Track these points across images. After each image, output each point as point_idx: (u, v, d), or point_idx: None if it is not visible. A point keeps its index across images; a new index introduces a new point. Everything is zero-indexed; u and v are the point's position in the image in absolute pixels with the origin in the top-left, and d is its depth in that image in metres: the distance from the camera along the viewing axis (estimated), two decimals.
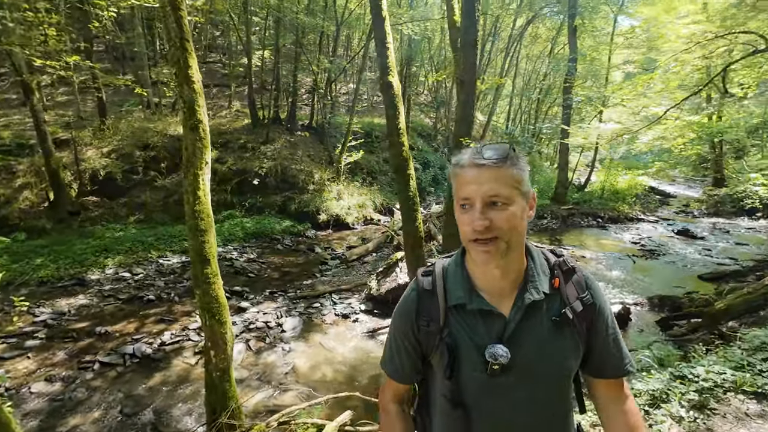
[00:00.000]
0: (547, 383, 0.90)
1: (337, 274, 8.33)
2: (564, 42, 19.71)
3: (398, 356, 1.02)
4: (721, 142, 15.28)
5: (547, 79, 19.25)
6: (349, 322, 6.31)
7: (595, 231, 11.63)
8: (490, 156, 0.84)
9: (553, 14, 18.10)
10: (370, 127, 15.61)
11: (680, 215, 13.24)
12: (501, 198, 0.83)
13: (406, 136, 4.40)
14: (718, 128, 13.73)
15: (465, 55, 4.13)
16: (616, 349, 0.96)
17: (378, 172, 14.79)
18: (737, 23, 7.68)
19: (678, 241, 10.12)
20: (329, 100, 14.20)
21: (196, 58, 2.58)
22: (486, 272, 0.92)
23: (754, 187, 12.44)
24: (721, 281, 7.20)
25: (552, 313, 0.90)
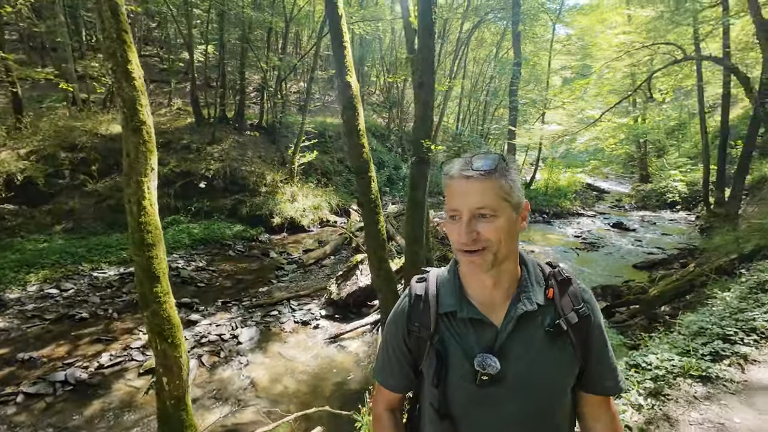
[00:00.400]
0: (540, 396, 0.87)
1: (295, 279, 8.06)
2: (507, 47, 20.69)
3: (390, 364, 1.01)
4: (645, 143, 16.90)
5: (494, 81, 20.10)
6: (309, 329, 6.12)
7: (541, 226, 12.31)
8: (478, 167, 0.84)
9: (497, 20, 18.90)
10: (323, 127, 15.33)
11: (614, 209, 14.43)
12: (488, 210, 0.82)
13: (366, 137, 4.33)
14: (643, 130, 15.17)
15: (423, 56, 4.14)
16: (608, 365, 0.94)
17: (333, 172, 14.57)
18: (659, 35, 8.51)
19: (614, 234, 11.00)
20: (280, 99, 13.72)
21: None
22: (478, 281, 0.91)
23: (673, 183, 13.91)
24: (652, 269, 7.93)
25: (546, 325, 0.88)
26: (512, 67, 13.62)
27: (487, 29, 21.03)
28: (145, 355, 5.17)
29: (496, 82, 20.70)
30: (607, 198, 16.48)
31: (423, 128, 4.20)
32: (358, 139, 4.21)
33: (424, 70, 4.12)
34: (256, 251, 9.62)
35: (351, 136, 4.21)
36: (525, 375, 0.86)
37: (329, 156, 14.95)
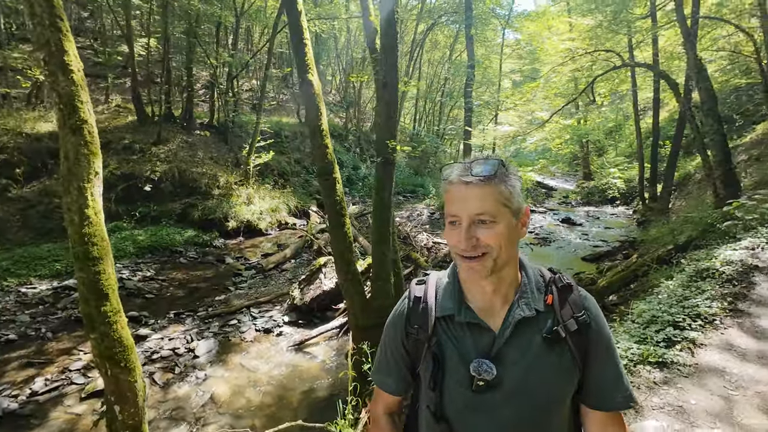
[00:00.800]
0: (535, 404, 0.85)
1: (254, 285, 7.73)
2: (460, 49, 21.28)
3: (388, 366, 1.01)
4: (588, 143, 18.13)
5: (448, 83, 20.59)
6: (272, 336, 5.88)
7: None
8: (477, 173, 0.83)
9: (450, 23, 19.40)
10: (278, 127, 14.87)
11: (562, 205, 15.32)
12: (488, 216, 0.82)
13: (330, 138, 4.21)
14: (585, 130, 16.26)
15: (386, 56, 4.10)
16: (614, 378, 0.90)
17: (290, 173, 14.18)
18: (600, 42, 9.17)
19: (563, 228, 11.66)
20: (232, 97, 13.10)
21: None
22: (477, 286, 0.90)
23: (613, 180, 15.03)
24: (599, 261, 8.48)
25: (544, 331, 0.87)
26: (466, 69, 14.00)
27: (441, 32, 21.52)
28: (87, 377, 4.71)
29: (450, 84, 21.21)
30: (555, 195, 17.47)
31: (388, 129, 4.16)
32: (321, 139, 4.08)
33: (388, 70, 4.08)
34: (210, 257, 9.11)
35: (314, 136, 4.08)
36: (521, 381, 0.85)
37: (286, 156, 14.54)
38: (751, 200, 4.97)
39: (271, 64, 12.90)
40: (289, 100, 20.05)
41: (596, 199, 15.27)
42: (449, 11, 16.94)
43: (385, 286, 4.42)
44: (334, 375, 4.98)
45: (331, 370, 5.09)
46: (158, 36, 12.06)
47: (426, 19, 17.85)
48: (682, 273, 4.02)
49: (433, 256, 8.63)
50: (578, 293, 0.91)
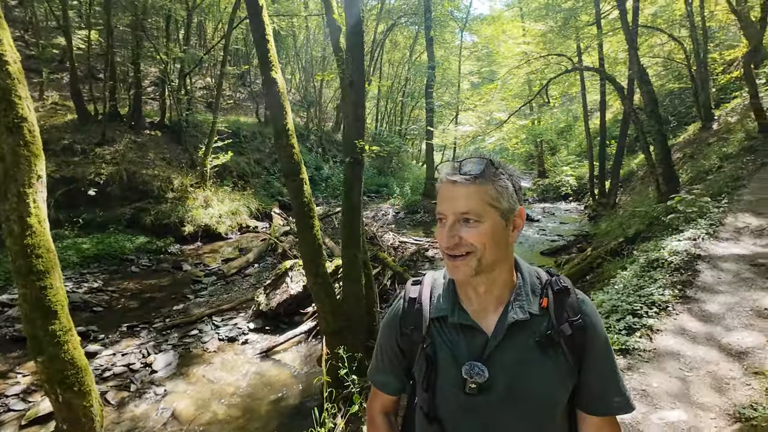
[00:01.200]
0: (528, 409, 0.85)
1: (215, 292, 7.38)
2: (419, 50, 21.58)
3: (383, 366, 1.02)
4: (542, 142, 19.03)
5: (409, 83, 20.81)
6: (237, 345, 5.64)
7: None
8: (465, 172, 0.83)
9: (410, 24, 19.60)
10: (236, 126, 14.34)
11: None
12: (472, 215, 0.81)
13: (296, 138, 4.09)
14: (539, 131, 17.06)
15: (352, 55, 4.04)
16: (611, 383, 0.89)
17: (250, 174, 13.71)
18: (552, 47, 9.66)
19: None
20: (185, 95, 12.43)
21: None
22: (470, 287, 0.89)
23: (566, 178, 15.88)
24: (556, 255, 8.91)
25: (537, 335, 0.85)
26: (427, 70, 14.21)
27: (401, 33, 21.70)
28: (27, 402, 4.26)
29: (411, 85, 21.44)
30: None
31: (355, 129, 4.11)
32: (287, 139, 3.95)
33: (354, 69, 4.03)
34: (165, 265, 8.59)
35: (280, 136, 3.94)
36: (514, 385, 0.84)
37: (245, 157, 14.04)
38: (690, 194, 5.42)
39: (227, 61, 12.37)
40: (246, 98, 19.38)
41: (551, 196, 16.05)
42: (408, 12, 17.11)
43: (356, 288, 4.36)
44: (305, 381, 4.86)
45: (301, 377, 4.96)
46: (100, 28, 11.19)
47: (386, 19, 17.92)
48: (634, 264, 4.30)
49: (399, 256, 8.67)
50: (575, 297, 0.90)
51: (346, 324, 4.23)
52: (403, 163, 19.73)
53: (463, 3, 18.85)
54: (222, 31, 18.26)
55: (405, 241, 9.77)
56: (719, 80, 12.75)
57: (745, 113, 9.80)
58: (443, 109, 16.73)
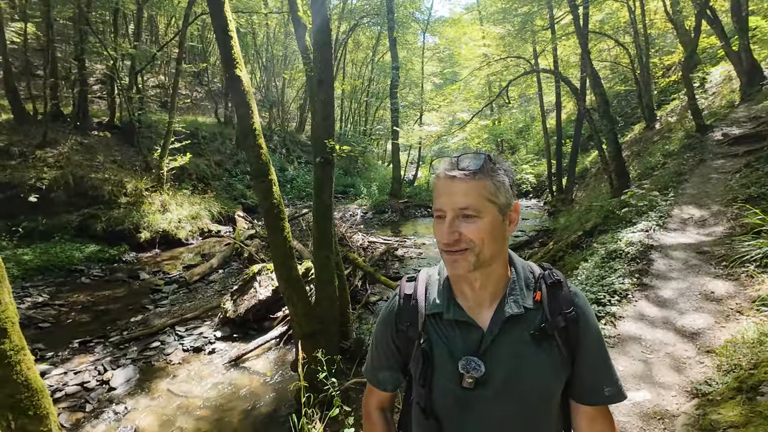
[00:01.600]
0: (525, 401, 0.86)
1: (177, 301, 7.01)
2: (382, 51, 21.68)
3: (379, 363, 1.03)
4: (502, 141, 19.71)
5: (373, 83, 20.83)
6: (203, 355, 5.39)
7: (427, 220, 13.26)
8: (464, 167, 0.83)
9: (372, 24, 19.63)
10: (194, 127, 13.73)
11: None
12: (471, 210, 0.81)
13: (263, 137, 3.96)
14: (500, 130, 17.65)
15: (321, 53, 3.97)
16: (603, 373, 0.90)
17: (211, 177, 13.17)
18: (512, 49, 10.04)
19: None
20: (136, 94, 11.72)
21: None
22: (466, 283, 0.90)
23: (525, 175, 16.53)
24: (520, 250, 9.24)
25: (533, 328, 0.87)
26: (391, 70, 14.30)
27: (363, 33, 21.68)
28: None
29: (374, 85, 21.48)
30: None
31: (325, 128, 4.04)
32: (254, 139, 3.82)
33: (323, 68, 3.97)
34: (120, 274, 8.07)
35: (246, 136, 3.80)
36: (510, 379, 0.85)
37: (205, 159, 13.48)
38: (640, 189, 5.81)
39: (183, 58, 11.80)
40: (204, 98, 18.62)
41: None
42: (371, 13, 17.13)
43: (330, 290, 4.29)
44: (278, 388, 4.72)
45: (273, 384, 4.82)
46: (39, 20, 10.31)
47: (348, 19, 17.84)
48: (595, 255, 4.55)
49: (369, 256, 8.66)
50: (568, 290, 0.91)
51: (320, 327, 4.16)
52: (369, 163, 19.73)
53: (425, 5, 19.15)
54: (176, 27, 17.42)
55: (374, 241, 9.78)
56: (660, 83, 13.81)
57: (683, 114, 10.65)
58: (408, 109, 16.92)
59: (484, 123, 16.15)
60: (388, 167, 20.11)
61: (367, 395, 1.10)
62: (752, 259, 3.42)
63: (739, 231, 4.01)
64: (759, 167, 5.20)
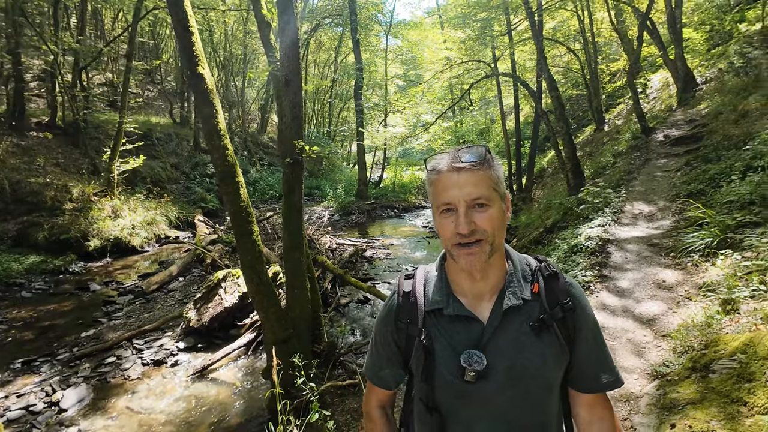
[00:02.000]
0: (526, 393, 0.86)
1: (134, 312, 6.59)
2: (345, 52, 21.60)
3: (380, 361, 1.02)
4: (464, 143, 20.24)
5: (336, 84, 20.69)
6: (165, 368, 5.09)
7: (394, 220, 13.35)
8: (468, 159, 0.84)
9: (334, 25, 19.51)
10: (147, 128, 12.98)
11: None
12: (483, 199, 0.82)
13: (228, 138, 3.81)
14: (462, 132, 18.12)
15: (287, 52, 3.88)
16: (600, 361, 0.92)
17: (167, 180, 12.51)
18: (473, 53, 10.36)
19: None
20: (81, 92, 10.90)
21: None
22: (465, 276, 0.90)
23: None
24: None
25: (531, 320, 0.88)
26: (355, 72, 14.27)
27: (325, 34, 21.50)
28: None
29: (338, 86, 21.35)
30: None
31: (294, 129, 3.96)
32: (220, 140, 3.67)
33: (291, 67, 3.88)
34: (67, 286, 7.47)
35: (211, 137, 3.64)
36: (511, 370, 0.85)
37: (160, 161, 12.78)
38: (596, 187, 6.18)
39: (134, 54, 11.11)
40: (157, 97, 17.67)
41: None
42: (333, 13, 17.01)
43: (302, 294, 4.20)
44: (248, 397, 4.56)
45: (243, 393, 4.64)
46: None
47: (310, 19, 17.62)
48: (557, 250, 4.77)
49: (338, 258, 8.58)
50: (564, 281, 0.93)
51: (294, 332, 4.06)
52: (334, 164, 19.54)
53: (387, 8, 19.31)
54: (124, 22, 16.42)
55: (342, 243, 9.70)
56: (607, 88, 14.76)
57: (629, 117, 11.46)
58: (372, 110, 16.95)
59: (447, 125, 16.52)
60: (354, 169, 20.03)
61: (367, 394, 1.10)
62: (696, 249, 3.73)
63: (683, 224, 4.37)
64: (697, 166, 5.69)
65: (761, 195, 3.89)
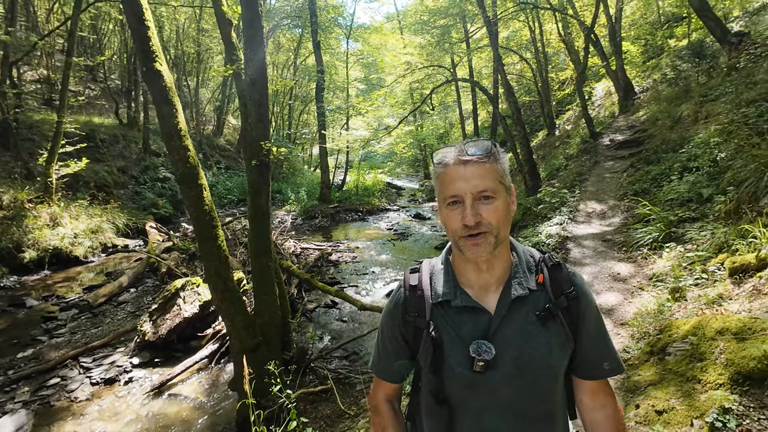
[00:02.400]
0: (533, 381, 0.88)
1: (79, 328, 6.06)
2: (304, 54, 21.30)
3: (387, 355, 1.03)
4: (425, 146, 20.63)
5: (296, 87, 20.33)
6: (118, 387, 4.72)
7: (358, 224, 13.30)
8: (474, 152, 0.86)
9: (292, 26, 19.19)
10: (90, 128, 12.04)
11: (411, 203, 16.98)
12: (489, 192, 0.84)
13: (189, 139, 3.61)
14: (423, 135, 18.46)
15: (252, 51, 3.76)
16: (603, 348, 0.95)
17: (113, 185, 11.67)
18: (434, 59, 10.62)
19: (416, 223, 12.96)
20: (11, 88, 9.90)
21: None
22: (472, 268, 0.92)
23: None
24: None
25: (537, 309, 0.90)
26: (317, 74, 14.11)
27: (283, 35, 21.10)
28: None
29: (297, 88, 21.00)
30: (404, 194, 19.23)
31: (260, 130, 3.83)
32: (180, 141, 3.46)
33: (256, 66, 3.76)
34: None
35: (171, 138, 3.42)
36: (519, 360, 0.87)
37: (105, 165, 11.90)
38: (552, 188, 6.53)
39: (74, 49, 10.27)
40: (100, 96, 16.46)
41: None
42: (291, 15, 16.74)
43: (270, 300, 4.06)
44: (212, 411, 4.33)
45: (207, 408, 4.40)
46: None
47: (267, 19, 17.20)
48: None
49: (303, 263, 8.41)
50: (567, 271, 0.95)
51: (263, 340, 3.92)
52: (295, 168, 19.14)
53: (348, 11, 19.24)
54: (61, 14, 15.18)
55: (307, 247, 9.52)
56: (557, 95, 15.70)
57: (577, 122, 12.26)
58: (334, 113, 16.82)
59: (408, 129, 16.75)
60: (315, 172, 19.73)
61: (373, 389, 1.11)
62: (645, 243, 4.04)
63: (632, 221, 4.72)
64: (640, 167, 6.18)
65: (697, 193, 4.30)
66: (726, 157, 4.36)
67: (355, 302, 5.90)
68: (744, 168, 3.81)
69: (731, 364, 2.02)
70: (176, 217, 12.67)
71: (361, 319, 6.26)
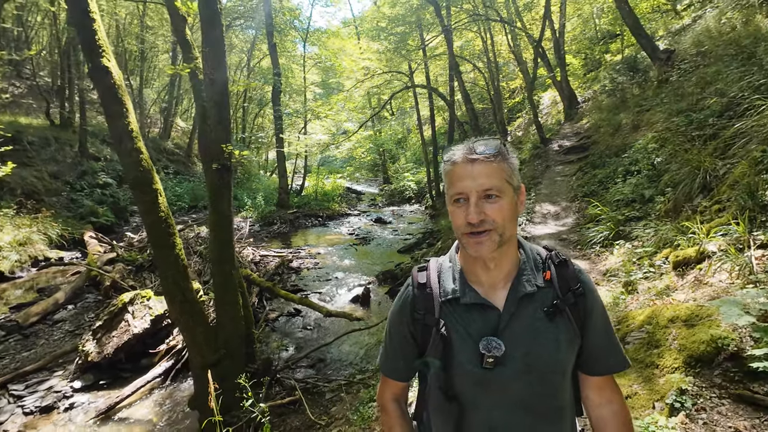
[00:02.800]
0: (542, 377, 0.89)
1: (7, 352, 5.41)
2: (258, 56, 20.72)
3: (395, 354, 1.03)
4: (384, 151, 20.79)
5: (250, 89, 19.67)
6: (57, 414, 4.27)
7: (319, 229, 13.08)
8: (482, 151, 0.87)
9: (246, 27, 18.61)
10: (16, 129, 10.87)
11: (372, 207, 16.98)
12: (494, 191, 0.85)
13: (142, 141, 3.35)
14: (381, 141, 18.60)
15: (212, 49, 3.57)
16: (609, 344, 0.96)
17: (44, 192, 10.60)
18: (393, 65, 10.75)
19: (377, 227, 12.97)
20: None
21: None
22: (480, 265, 0.93)
23: (407, 182, 17.73)
24: (411, 251, 9.85)
25: (545, 306, 0.91)
26: (273, 77, 13.74)
27: (236, 36, 20.39)
28: None
29: (251, 90, 20.33)
30: (364, 198, 19.20)
31: (221, 131, 3.64)
32: (132, 143, 3.20)
33: (216, 66, 3.58)
34: None
35: (122, 140, 3.15)
36: (527, 356, 0.88)
37: (35, 170, 10.80)
38: None
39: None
40: (27, 94, 14.94)
41: (397, 200, 17.65)
42: (245, 15, 16.24)
43: (233, 310, 3.85)
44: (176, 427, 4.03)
45: (163, 429, 4.09)
46: None
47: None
48: None
49: (263, 271, 8.11)
50: (573, 268, 0.96)
51: (225, 352, 3.70)
52: (250, 173, 18.43)
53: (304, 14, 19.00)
54: None
55: (266, 255, 9.20)
56: (508, 103, 16.51)
57: (528, 129, 12.96)
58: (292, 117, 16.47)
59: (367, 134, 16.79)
60: (272, 177, 19.14)
61: (381, 388, 1.11)
62: (597, 241, 4.33)
63: (583, 221, 5.04)
64: (588, 171, 6.64)
65: (640, 194, 4.69)
66: (663, 161, 4.80)
67: (320, 309, 5.77)
68: (679, 171, 4.21)
69: (684, 349, 2.20)
70: (119, 226, 11.72)
71: (327, 327, 6.13)
